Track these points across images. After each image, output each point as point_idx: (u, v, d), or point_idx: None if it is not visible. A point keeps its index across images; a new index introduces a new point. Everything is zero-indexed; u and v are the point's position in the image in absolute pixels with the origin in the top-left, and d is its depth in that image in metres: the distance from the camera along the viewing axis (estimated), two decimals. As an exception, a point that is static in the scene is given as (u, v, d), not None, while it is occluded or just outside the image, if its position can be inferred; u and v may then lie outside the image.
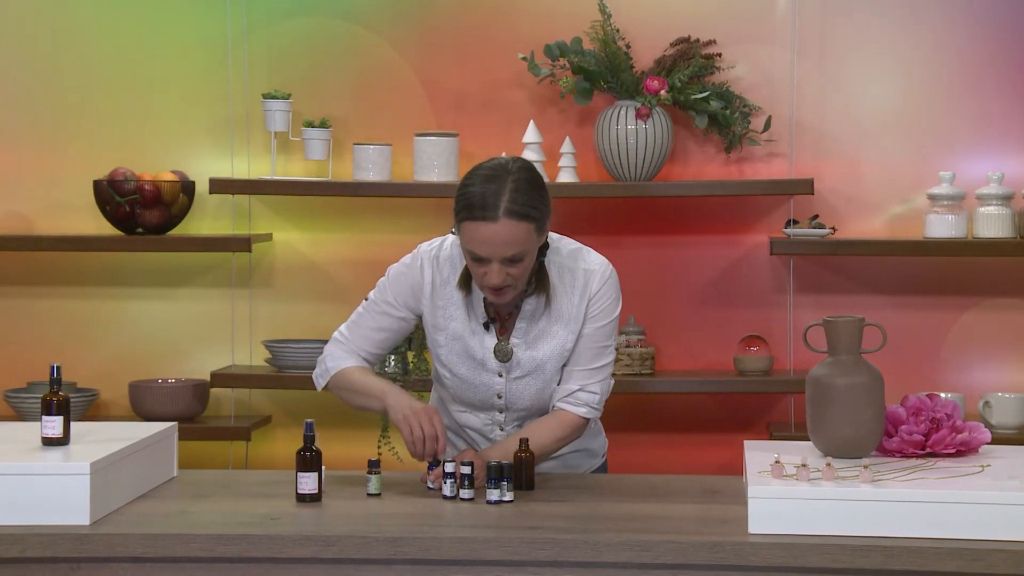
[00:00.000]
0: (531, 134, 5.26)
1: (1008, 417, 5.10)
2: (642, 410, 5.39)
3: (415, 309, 3.69)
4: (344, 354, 3.72)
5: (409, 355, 5.27)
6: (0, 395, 5.38)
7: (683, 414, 5.41)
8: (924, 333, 5.31)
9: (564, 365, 3.66)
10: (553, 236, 3.66)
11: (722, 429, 5.40)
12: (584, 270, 3.63)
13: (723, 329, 5.37)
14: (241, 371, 5.39)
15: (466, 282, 3.62)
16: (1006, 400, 5.12)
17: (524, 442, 3.52)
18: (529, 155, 5.23)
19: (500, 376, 3.66)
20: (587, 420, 3.67)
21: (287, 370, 5.32)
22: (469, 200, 3.44)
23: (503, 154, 3.71)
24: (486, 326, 3.65)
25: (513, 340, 3.64)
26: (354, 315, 3.76)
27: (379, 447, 5.24)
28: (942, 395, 4.37)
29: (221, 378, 5.33)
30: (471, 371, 3.67)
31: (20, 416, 5.30)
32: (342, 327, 3.76)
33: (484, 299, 3.63)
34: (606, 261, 3.67)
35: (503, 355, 3.64)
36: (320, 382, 3.75)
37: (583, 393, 3.65)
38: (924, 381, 5.24)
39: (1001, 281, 5.30)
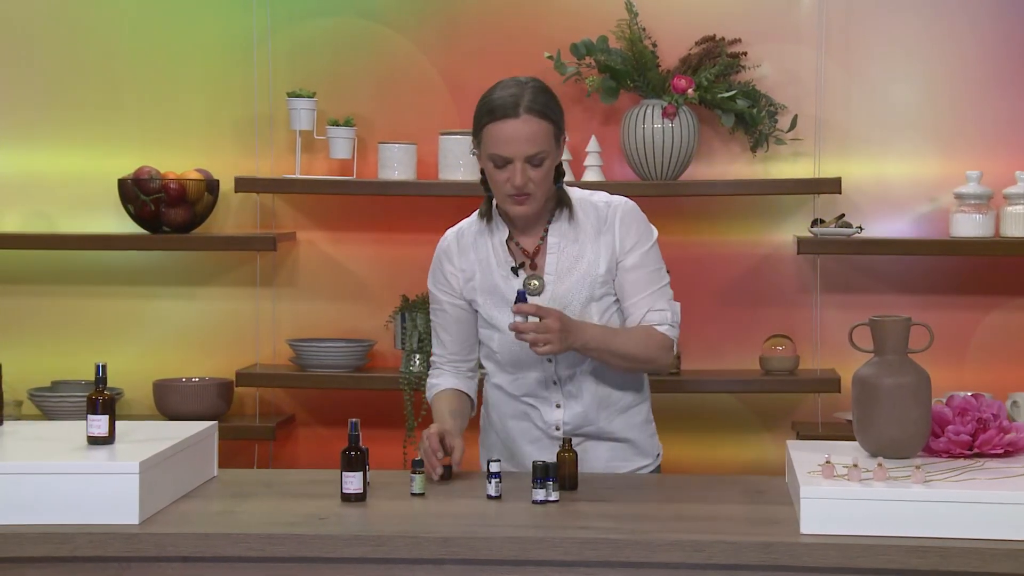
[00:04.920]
0: (557, 133, 5.24)
1: (1036, 417, 5.10)
2: (667, 409, 5.33)
3: (462, 292, 3.76)
4: (438, 373, 3.85)
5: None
6: (24, 394, 5.37)
7: (708, 413, 5.40)
8: (950, 332, 5.29)
9: (616, 300, 3.73)
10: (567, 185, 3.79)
11: (747, 428, 5.40)
12: (605, 203, 3.75)
13: (748, 328, 5.36)
14: (265, 370, 5.38)
15: (487, 211, 3.74)
16: (1034, 400, 5.12)
17: (567, 442, 3.51)
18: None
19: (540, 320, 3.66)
20: (671, 340, 3.70)
21: (311, 369, 5.31)
22: (491, 105, 3.61)
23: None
24: (514, 271, 3.71)
25: (546, 276, 3.70)
26: (432, 332, 3.86)
27: (404, 448, 5.24)
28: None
29: (246, 377, 5.32)
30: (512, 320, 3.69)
31: (45, 415, 5.28)
32: (432, 347, 3.88)
33: (508, 242, 3.72)
34: (624, 197, 3.79)
35: (532, 289, 3.69)
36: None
37: (653, 314, 3.70)
38: (951, 381, 5.22)
39: (1028, 281, 5.31)
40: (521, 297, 3.54)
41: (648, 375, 3.89)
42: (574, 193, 3.78)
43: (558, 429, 3.75)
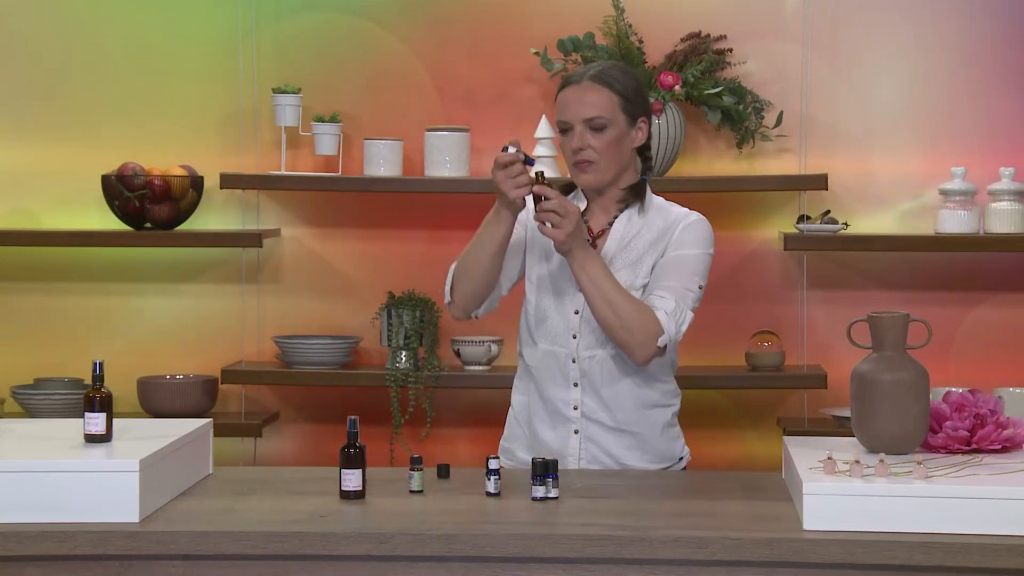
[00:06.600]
0: (543, 129, 5.24)
1: (1021, 412, 5.10)
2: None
3: (528, 227, 3.81)
4: None
5: (420, 351, 5.26)
6: (7, 391, 5.33)
7: (694, 409, 5.34)
8: (935, 328, 5.16)
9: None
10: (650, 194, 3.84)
11: (733, 424, 5.41)
12: (677, 212, 3.80)
13: (735, 324, 5.36)
14: (250, 367, 5.36)
15: (571, 184, 3.83)
16: (1019, 395, 5.13)
17: (540, 175, 3.60)
18: (541, 150, 5.21)
19: (580, 292, 3.71)
20: (660, 329, 3.62)
21: (297, 366, 5.29)
22: (566, 77, 3.79)
23: None
24: None
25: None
26: None
27: (391, 446, 5.23)
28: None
29: (231, 374, 5.29)
30: (554, 287, 3.74)
31: (28, 413, 5.25)
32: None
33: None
34: (700, 214, 3.81)
35: None
36: (447, 292, 3.80)
37: (655, 298, 3.67)
38: (936, 376, 5.13)
39: (1013, 276, 5.32)
40: (515, 146, 3.62)
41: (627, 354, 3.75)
42: (657, 199, 3.83)
43: (576, 409, 3.75)
